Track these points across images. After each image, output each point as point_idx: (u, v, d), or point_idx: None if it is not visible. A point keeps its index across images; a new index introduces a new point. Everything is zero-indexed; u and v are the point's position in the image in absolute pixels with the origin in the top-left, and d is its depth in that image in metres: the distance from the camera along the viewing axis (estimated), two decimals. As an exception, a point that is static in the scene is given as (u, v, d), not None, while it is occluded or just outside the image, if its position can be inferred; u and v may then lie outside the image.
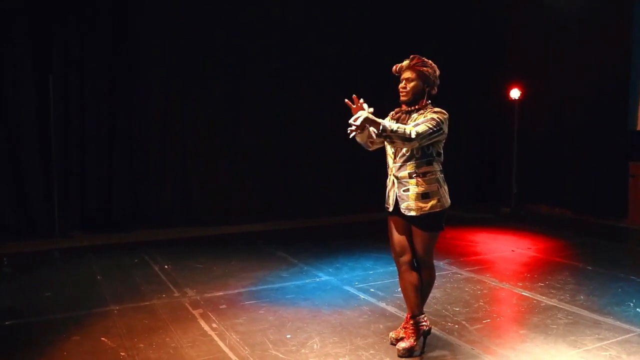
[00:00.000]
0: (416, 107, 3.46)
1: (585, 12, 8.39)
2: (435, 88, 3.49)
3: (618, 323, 4.08)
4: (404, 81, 3.46)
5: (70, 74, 7.17)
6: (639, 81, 8.03)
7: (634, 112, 8.10)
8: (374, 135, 3.46)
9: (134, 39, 7.51)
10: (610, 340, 3.76)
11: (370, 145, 3.57)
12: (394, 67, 3.51)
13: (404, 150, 3.41)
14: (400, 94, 3.48)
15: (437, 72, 3.49)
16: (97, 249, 6.50)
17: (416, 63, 3.43)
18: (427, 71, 3.41)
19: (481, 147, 10.20)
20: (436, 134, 3.33)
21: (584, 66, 8.42)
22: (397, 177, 3.47)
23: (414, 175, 3.41)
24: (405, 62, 3.47)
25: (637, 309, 4.38)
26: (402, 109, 3.51)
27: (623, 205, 8.06)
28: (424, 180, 3.40)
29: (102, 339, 3.81)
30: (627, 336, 3.83)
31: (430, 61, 3.48)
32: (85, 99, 7.29)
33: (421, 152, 3.39)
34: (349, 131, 3.25)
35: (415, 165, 3.41)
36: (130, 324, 4.08)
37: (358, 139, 3.50)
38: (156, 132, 7.79)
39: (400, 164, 3.45)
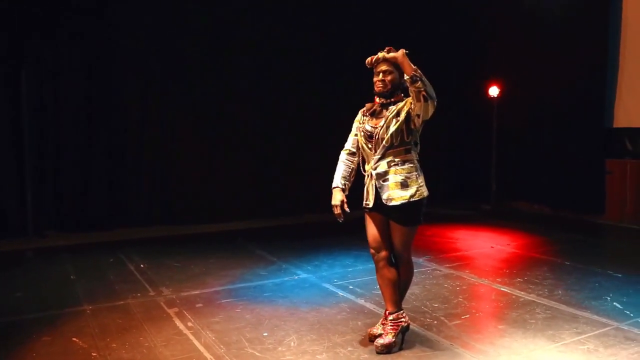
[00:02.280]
0: (392, 99, 3.42)
1: (564, 11, 8.44)
2: None
3: (595, 317, 4.09)
4: (380, 74, 3.41)
5: (45, 69, 7.02)
6: (615, 80, 8.10)
7: (610, 110, 8.17)
8: (351, 172, 3.66)
9: (111, 35, 7.37)
10: (588, 334, 3.76)
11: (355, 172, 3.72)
12: (368, 59, 3.46)
13: (384, 141, 3.37)
14: (377, 86, 3.43)
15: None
16: (72, 249, 6.37)
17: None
18: None
19: (461, 145, 10.21)
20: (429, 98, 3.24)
21: (562, 65, 8.45)
22: (375, 169, 3.43)
23: (392, 164, 3.38)
24: (381, 54, 3.41)
25: (614, 303, 4.40)
26: (377, 102, 3.47)
27: (600, 202, 8.13)
28: (402, 169, 3.38)
29: (74, 339, 3.71)
30: (604, 330, 3.84)
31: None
32: (61, 96, 7.12)
33: (400, 140, 3.37)
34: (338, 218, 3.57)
35: (394, 154, 3.39)
36: (104, 324, 3.99)
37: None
38: (134, 129, 7.64)
39: (379, 156, 3.41)
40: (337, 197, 3.57)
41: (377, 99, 3.49)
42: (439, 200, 8.79)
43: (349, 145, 3.66)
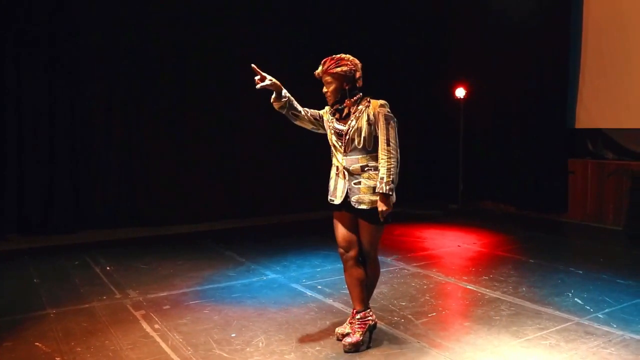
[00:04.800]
0: (345, 104, 3.46)
1: (526, 13, 8.62)
2: (359, 80, 3.48)
3: (557, 313, 4.19)
4: (324, 86, 3.49)
5: (7, 70, 6.84)
6: (576, 83, 8.32)
7: (572, 111, 8.38)
8: (298, 108, 3.55)
9: (75, 34, 7.23)
10: (550, 330, 3.86)
11: (295, 118, 3.60)
12: (315, 73, 3.53)
13: (356, 142, 3.41)
14: (326, 97, 3.51)
15: (357, 65, 3.48)
16: (36, 252, 6.22)
17: (329, 66, 3.43)
18: (342, 70, 3.40)
19: (428, 146, 10.33)
20: (396, 126, 3.42)
21: (526, 68, 8.64)
22: (348, 170, 3.45)
23: (366, 169, 3.41)
24: (320, 68, 3.47)
25: (575, 299, 4.52)
26: (336, 107, 3.52)
27: (563, 201, 8.33)
28: (376, 174, 3.40)
29: (37, 344, 3.63)
30: (565, 325, 3.95)
31: (346, 56, 3.47)
32: (23, 96, 6.96)
33: (373, 144, 3.41)
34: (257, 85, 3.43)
35: (367, 158, 3.42)
36: (68, 328, 3.91)
37: (276, 107, 3.52)
38: (99, 130, 7.52)
39: (352, 157, 3.44)
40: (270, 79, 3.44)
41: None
42: (407, 200, 8.87)
43: (308, 108, 3.63)
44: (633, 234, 7.05)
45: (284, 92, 3.49)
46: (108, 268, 5.50)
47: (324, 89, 3.49)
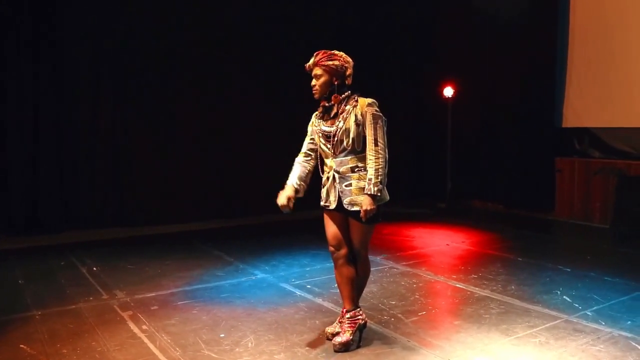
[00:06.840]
0: (332, 102, 3.44)
1: (514, 13, 8.66)
2: (349, 78, 3.45)
3: (546, 310, 4.21)
4: (313, 79, 3.47)
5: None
6: (563, 82, 8.37)
7: (559, 111, 8.44)
8: (306, 170, 3.63)
9: (60, 32, 7.14)
10: (540, 327, 3.87)
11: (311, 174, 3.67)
12: (306, 65, 3.49)
13: (344, 144, 3.38)
14: (313, 91, 3.48)
15: (349, 62, 3.46)
16: (21, 252, 6.14)
17: (321, 59, 3.41)
18: (333, 64, 3.38)
19: (416, 144, 10.35)
20: (385, 126, 3.40)
21: (514, 68, 8.68)
22: (338, 172, 3.42)
23: (356, 170, 3.39)
24: (312, 60, 3.45)
25: (564, 297, 4.54)
26: (323, 104, 3.49)
27: (550, 199, 8.38)
28: (366, 174, 3.38)
29: (22, 346, 3.58)
30: (555, 322, 3.96)
31: (339, 52, 3.45)
32: (8, 94, 6.86)
33: (362, 145, 3.38)
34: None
35: (357, 159, 3.40)
36: (54, 329, 3.85)
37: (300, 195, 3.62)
38: (86, 129, 7.43)
39: (341, 159, 3.41)
40: (285, 192, 3.52)
41: (322, 102, 3.50)
42: (396, 199, 8.85)
43: (305, 148, 3.65)
44: (620, 232, 7.09)
45: (296, 186, 3.58)
46: (95, 268, 5.44)
47: (313, 82, 3.46)
